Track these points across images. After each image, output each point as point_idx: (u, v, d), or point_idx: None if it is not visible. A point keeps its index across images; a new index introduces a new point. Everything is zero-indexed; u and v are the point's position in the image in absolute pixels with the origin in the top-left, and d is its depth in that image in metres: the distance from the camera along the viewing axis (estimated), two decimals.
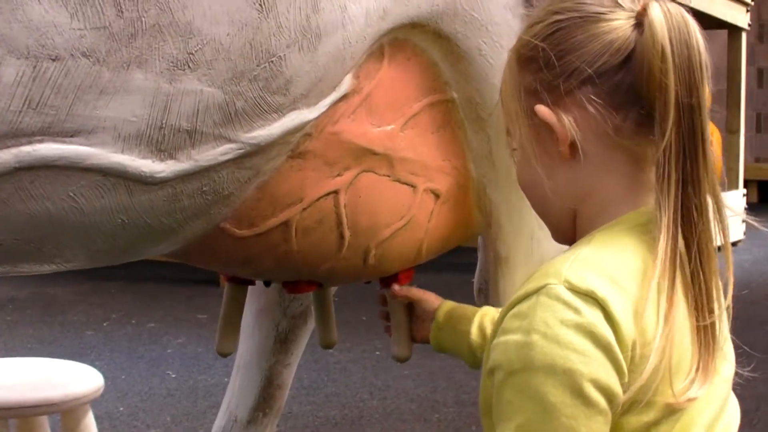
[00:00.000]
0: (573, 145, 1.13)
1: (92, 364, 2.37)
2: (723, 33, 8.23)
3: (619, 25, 1.11)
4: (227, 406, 2.17)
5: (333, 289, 1.93)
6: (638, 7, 1.12)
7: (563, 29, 1.13)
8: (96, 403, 2.26)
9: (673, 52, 1.08)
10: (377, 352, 4.18)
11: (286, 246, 1.50)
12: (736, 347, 1.21)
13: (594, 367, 1.02)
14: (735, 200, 7.55)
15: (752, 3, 7.83)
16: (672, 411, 1.07)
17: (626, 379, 1.04)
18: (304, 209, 1.47)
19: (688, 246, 1.10)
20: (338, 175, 1.48)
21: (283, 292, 2.04)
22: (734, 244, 7.43)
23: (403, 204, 1.57)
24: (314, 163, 1.44)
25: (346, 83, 1.43)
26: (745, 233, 7.61)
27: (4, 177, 1.15)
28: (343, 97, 1.43)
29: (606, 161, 1.13)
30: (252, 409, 2.13)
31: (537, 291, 1.06)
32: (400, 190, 1.56)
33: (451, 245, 1.74)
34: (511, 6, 1.59)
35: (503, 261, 1.75)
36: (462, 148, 1.64)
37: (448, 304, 1.58)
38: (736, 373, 1.20)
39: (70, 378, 2.20)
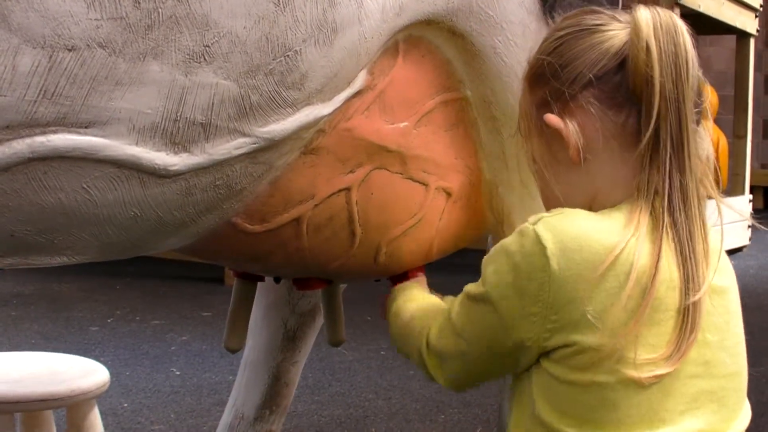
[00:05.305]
0: (580, 149, 1.21)
1: (96, 360, 2.36)
2: (731, 38, 8.23)
3: (615, 34, 1.20)
4: (233, 402, 2.17)
5: (342, 287, 1.93)
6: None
7: (566, 42, 1.23)
8: (100, 399, 2.25)
9: (659, 47, 1.16)
10: (382, 352, 4.17)
11: (297, 242, 1.49)
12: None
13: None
14: (741, 206, 7.54)
15: (761, 9, 7.81)
16: (630, 385, 1.12)
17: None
18: (316, 206, 1.46)
19: (677, 228, 1.16)
20: (351, 171, 1.47)
21: (292, 289, 2.04)
22: (739, 249, 7.42)
23: (415, 202, 1.56)
24: (327, 159, 1.44)
25: (361, 79, 1.42)
26: (750, 239, 7.60)
27: (17, 167, 1.14)
28: (357, 93, 1.42)
29: (613, 159, 1.20)
30: (259, 406, 2.12)
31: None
32: (412, 188, 1.55)
33: (462, 244, 1.74)
34: (526, 4, 1.58)
35: None
36: (475, 146, 1.63)
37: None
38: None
39: (76, 373, 2.19)
